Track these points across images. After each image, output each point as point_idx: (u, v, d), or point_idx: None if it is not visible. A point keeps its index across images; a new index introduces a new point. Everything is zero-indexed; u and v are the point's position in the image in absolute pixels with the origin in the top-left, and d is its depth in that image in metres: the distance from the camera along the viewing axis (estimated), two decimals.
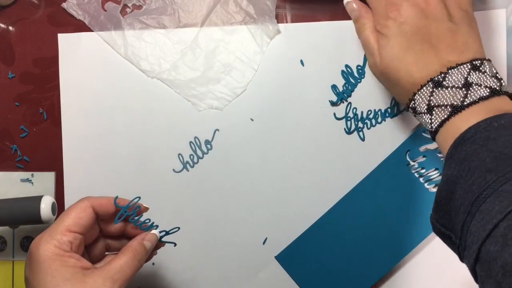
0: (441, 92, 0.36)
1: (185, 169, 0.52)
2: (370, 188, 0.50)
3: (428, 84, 0.37)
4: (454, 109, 0.35)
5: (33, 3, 0.54)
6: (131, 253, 0.37)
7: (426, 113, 0.37)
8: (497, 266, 0.27)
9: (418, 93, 0.38)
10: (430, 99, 0.37)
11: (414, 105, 0.39)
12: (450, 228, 0.35)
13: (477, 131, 0.33)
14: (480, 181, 0.31)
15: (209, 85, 0.52)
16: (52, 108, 0.54)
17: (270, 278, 0.51)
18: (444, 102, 0.36)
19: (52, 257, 0.34)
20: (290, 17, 0.52)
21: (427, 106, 0.37)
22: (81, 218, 0.37)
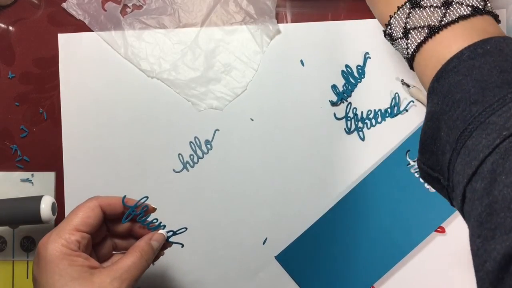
0: (418, 13, 0.32)
1: (185, 169, 0.52)
2: (370, 188, 0.50)
3: (405, 5, 0.33)
4: (431, 30, 0.31)
5: (33, 3, 0.54)
6: (139, 253, 0.37)
7: (402, 38, 0.34)
8: (482, 205, 0.25)
9: (394, 15, 0.34)
10: (406, 21, 0.33)
11: (390, 30, 0.35)
12: (438, 170, 0.31)
13: (461, 60, 0.29)
14: (465, 114, 0.28)
15: (209, 85, 0.52)
16: (52, 108, 0.54)
17: (270, 278, 0.51)
18: (421, 23, 0.32)
19: (60, 256, 0.34)
20: (290, 17, 0.52)
21: (404, 30, 0.33)
22: (89, 217, 0.37)
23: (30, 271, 0.54)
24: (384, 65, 0.51)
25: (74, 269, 0.34)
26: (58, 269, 0.33)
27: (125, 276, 0.35)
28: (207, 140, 0.52)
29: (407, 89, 0.50)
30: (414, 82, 0.50)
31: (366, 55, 0.51)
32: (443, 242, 0.50)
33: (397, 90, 0.50)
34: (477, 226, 0.25)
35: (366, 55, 0.51)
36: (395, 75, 0.51)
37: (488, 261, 0.24)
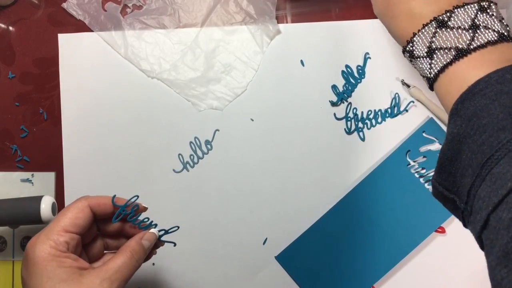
0: (445, 33, 0.32)
1: (185, 169, 0.52)
2: (370, 188, 0.50)
3: (431, 23, 0.32)
4: (459, 52, 0.31)
5: (33, 3, 0.54)
6: (129, 253, 0.36)
7: (426, 57, 0.33)
8: (509, 236, 0.24)
9: (418, 33, 0.33)
10: (432, 40, 0.32)
11: (412, 47, 0.34)
12: (454, 191, 0.31)
13: (488, 84, 0.29)
14: (492, 140, 0.27)
15: (209, 85, 0.52)
16: (52, 108, 0.54)
17: (270, 278, 0.51)
18: (448, 44, 0.32)
19: (48, 257, 0.33)
20: (290, 18, 0.52)
21: (428, 49, 0.33)
22: (79, 218, 0.36)
23: None
24: (384, 65, 0.51)
25: (62, 270, 0.33)
26: (46, 271, 0.33)
27: (115, 277, 0.34)
28: (207, 140, 0.52)
29: (407, 89, 0.50)
30: (414, 82, 0.50)
31: (366, 55, 0.51)
32: (443, 242, 0.50)
33: (397, 90, 0.50)
34: (503, 256, 0.24)
35: (366, 55, 0.51)
36: (395, 75, 0.51)
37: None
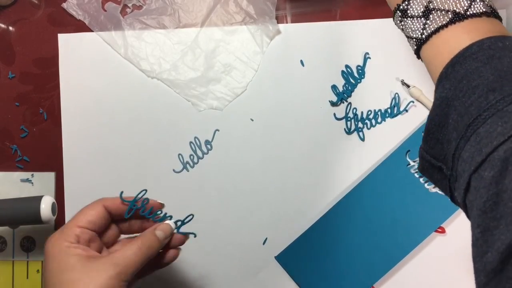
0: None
1: (185, 169, 0.52)
2: (370, 189, 0.50)
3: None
4: (455, 16, 0.30)
5: (33, 3, 0.54)
6: (139, 242, 0.37)
7: (421, 17, 0.32)
8: (489, 194, 0.23)
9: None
10: (430, 0, 0.32)
11: (407, 5, 0.33)
12: (441, 159, 0.30)
13: (480, 49, 0.28)
14: (480, 100, 0.26)
15: (209, 85, 0.52)
16: (52, 108, 0.54)
17: (270, 278, 0.51)
18: (446, 6, 0.31)
19: (60, 249, 0.35)
20: (290, 18, 0.52)
21: (425, 8, 0.32)
22: (91, 215, 0.38)
23: (30, 271, 0.54)
24: (384, 65, 0.51)
25: (71, 258, 0.35)
26: (57, 260, 0.35)
27: (121, 262, 0.35)
28: (207, 140, 0.52)
29: (407, 89, 0.50)
30: (414, 82, 0.50)
31: (366, 55, 0.51)
32: (443, 242, 0.50)
33: (397, 90, 0.50)
34: (478, 216, 0.24)
35: (366, 55, 0.51)
36: (395, 75, 0.51)
37: (490, 251, 0.23)
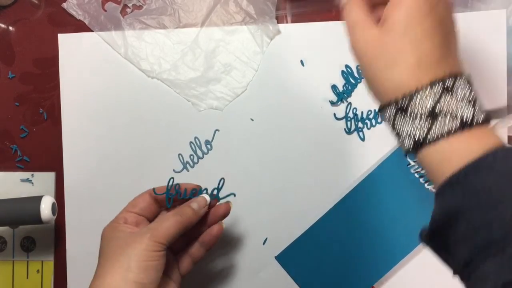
0: (449, 100, 0.30)
1: (185, 169, 0.52)
2: (370, 189, 0.50)
3: (439, 84, 0.30)
4: (464, 122, 0.29)
5: (33, 3, 0.54)
6: (174, 211, 0.41)
7: (426, 118, 0.30)
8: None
9: (424, 90, 0.30)
10: (437, 102, 0.30)
11: (408, 102, 0.30)
12: (445, 250, 0.32)
13: (495, 159, 0.28)
14: (506, 219, 0.26)
15: (209, 85, 0.52)
16: (52, 108, 0.54)
17: (270, 278, 0.51)
18: (454, 110, 0.29)
19: (109, 229, 0.41)
20: (290, 18, 0.52)
21: (431, 109, 0.30)
22: (138, 201, 0.43)
23: (30, 271, 0.54)
24: None
25: (115, 233, 0.40)
26: (105, 238, 0.40)
27: (156, 228, 0.39)
28: (207, 140, 0.52)
29: None
30: None
31: None
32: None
33: None
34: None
35: None
36: None
37: None
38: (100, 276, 0.37)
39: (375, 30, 0.32)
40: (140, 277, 0.36)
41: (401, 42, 0.31)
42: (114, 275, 0.36)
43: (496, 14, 0.49)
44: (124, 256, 0.37)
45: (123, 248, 0.38)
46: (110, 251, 0.39)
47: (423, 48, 0.31)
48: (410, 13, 0.31)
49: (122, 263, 0.37)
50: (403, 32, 0.31)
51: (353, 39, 0.34)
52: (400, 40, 0.31)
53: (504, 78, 0.49)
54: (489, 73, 0.50)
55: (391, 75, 0.31)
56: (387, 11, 0.32)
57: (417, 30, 0.31)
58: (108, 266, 0.37)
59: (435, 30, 0.31)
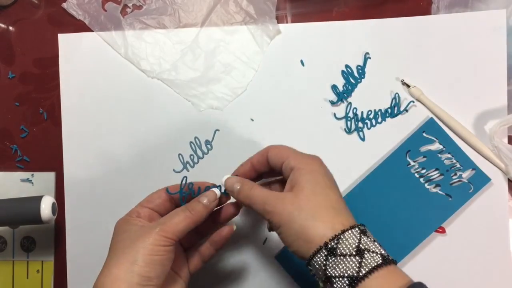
0: (367, 239, 0.35)
1: (185, 169, 0.52)
2: (370, 189, 0.50)
3: (322, 251, 0.34)
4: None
5: (33, 3, 0.54)
6: (184, 207, 0.41)
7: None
8: None
9: (314, 258, 0.35)
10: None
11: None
12: None
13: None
14: None
15: (209, 85, 0.52)
16: (52, 108, 0.54)
17: (270, 278, 0.51)
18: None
19: (121, 222, 0.41)
20: (290, 18, 0.52)
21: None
22: (153, 197, 0.44)
23: (30, 271, 0.54)
24: (384, 65, 0.51)
25: (129, 226, 0.41)
26: (117, 231, 0.41)
27: (165, 222, 0.39)
28: (207, 140, 0.52)
29: (407, 89, 0.50)
30: (414, 82, 0.50)
31: (366, 55, 0.51)
32: (443, 242, 0.50)
33: (397, 90, 0.50)
34: None
35: (366, 55, 0.51)
36: (395, 75, 0.51)
37: None
38: (108, 267, 0.38)
39: (286, 195, 0.38)
40: (145, 271, 0.37)
41: (314, 198, 0.37)
42: (120, 266, 0.37)
43: (496, 14, 0.49)
44: (132, 249, 0.38)
45: (132, 241, 0.38)
46: (120, 244, 0.39)
47: (332, 199, 0.37)
48: (314, 175, 0.38)
49: (129, 255, 0.37)
50: (313, 189, 0.37)
51: (270, 211, 0.38)
52: (314, 196, 0.37)
53: (504, 78, 0.49)
54: (489, 73, 0.50)
55: (315, 225, 0.36)
56: (294, 177, 0.38)
57: (323, 186, 0.38)
58: (116, 258, 0.38)
59: (333, 184, 0.39)
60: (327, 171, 0.40)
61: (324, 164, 0.41)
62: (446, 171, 0.49)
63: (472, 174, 0.49)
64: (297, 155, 0.40)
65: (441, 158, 0.49)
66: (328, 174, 0.40)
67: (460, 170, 0.49)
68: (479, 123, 0.50)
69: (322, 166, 0.40)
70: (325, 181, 0.38)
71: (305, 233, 0.36)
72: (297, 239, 0.36)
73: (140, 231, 0.39)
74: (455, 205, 0.49)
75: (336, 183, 0.40)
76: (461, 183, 0.49)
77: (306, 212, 0.36)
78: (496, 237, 0.49)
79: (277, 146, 0.42)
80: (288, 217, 0.36)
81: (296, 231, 0.36)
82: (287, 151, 0.41)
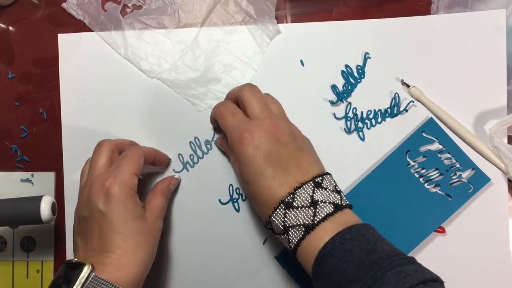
0: (293, 213, 0.38)
1: (185, 169, 0.52)
2: (370, 189, 0.50)
3: (280, 206, 0.39)
4: (307, 228, 0.37)
5: (33, 3, 0.54)
6: (165, 195, 0.47)
7: (283, 234, 0.39)
8: None
9: (272, 215, 0.39)
10: (284, 220, 0.38)
11: (271, 226, 0.40)
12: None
13: (334, 245, 0.36)
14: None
15: (209, 85, 0.52)
16: (52, 108, 0.54)
17: (270, 278, 0.51)
18: (297, 222, 0.38)
19: (128, 196, 0.40)
20: (290, 18, 0.52)
21: (283, 227, 0.38)
22: (140, 164, 0.43)
23: (30, 271, 0.54)
24: (384, 65, 0.51)
25: (137, 208, 0.41)
26: (126, 207, 0.40)
27: (159, 214, 0.45)
28: (207, 140, 0.52)
29: (407, 89, 0.50)
30: (414, 82, 0.50)
31: (366, 55, 0.51)
32: (443, 242, 0.50)
33: (397, 90, 0.51)
34: None
35: (366, 55, 0.51)
36: (395, 75, 0.51)
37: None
38: None
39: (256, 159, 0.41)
40: None
41: (267, 161, 0.40)
42: None
43: (496, 14, 0.49)
44: None
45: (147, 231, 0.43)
46: (133, 232, 0.41)
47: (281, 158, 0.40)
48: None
49: None
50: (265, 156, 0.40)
51: (242, 169, 0.41)
52: (265, 161, 0.40)
53: (504, 78, 0.49)
54: (489, 73, 0.50)
55: (275, 183, 0.39)
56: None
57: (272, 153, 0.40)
58: None
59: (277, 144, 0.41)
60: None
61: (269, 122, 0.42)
62: (446, 171, 0.49)
63: (472, 174, 0.49)
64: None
65: (441, 158, 0.50)
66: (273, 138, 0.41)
67: (460, 170, 0.49)
68: (479, 123, 0.50)
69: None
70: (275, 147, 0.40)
71: (263, 191, 0.40)
72: (258, 197, 0.40)
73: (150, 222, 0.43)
74: (455, 205, 0.49)
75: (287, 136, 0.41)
76: (461, 183, 0.49)
77: (257, 183, 0.40)
78: (496, 237, 0.49)
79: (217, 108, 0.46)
80: (244, 187, 0.43)
81: (256, 189, 0.40)
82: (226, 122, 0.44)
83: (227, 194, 0.52)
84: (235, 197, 0.52)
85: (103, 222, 0.39)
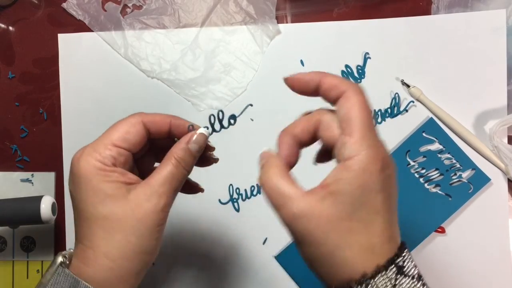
0: (404, 280, 0.27)
1: None
2: None
3: (392, 268, 0.27)
4: None
5: (33, 3, 0.54)
6: (174, 161, 0.32)
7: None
8: None
9: (378, 277, 0.27)
10: (395, 284, 0.27)
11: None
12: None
13: None
14: None
15: (209, 85, 0.52)
16: (52, 108, 0.54)
17: (270, 278, 0.51)
18: None
19: (93, 171, 0.31)
20: (290, 18, 0.52)
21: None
22: (129, 133, 0.33)
23: (30, 271, 0.54)
24: (384, 65, 0.51)
25: (108, 185, 0.31)
26: (91, 186, 0.31)
27: (162, 190, 0.31)
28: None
29: (407, 89, 0.50)
30: (414, 82, 0.50)
31: (366, 55, 0.51)
32: (443, 242, 0.50)
33: (397, 90, 0.50)
34: None
35: (366, 55, 0.51)
36: (395, 75, 0.51)
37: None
38: None
39: (317, 202, 0.29)
40: None
41: (350, 218, 0.27)
42: None
43: (496, 14, 0.49)
44: None
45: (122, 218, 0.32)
46: (100, 218, 0.32)
47: (375, 228, 0.28)
48: (363, 180, 0.27)
49: None
50: (351, 203, 0.27)
51: (287, 213, 0.30)
52: (350, 216, 0.27)
53: (504, 78, 0.49)
54: (489, 73, 0.50)
55: (342, 258, 0.27)
56: (335, 177, 0.29)
57: (368, 204, 0.28)
58: None
59: (385, 202, 0.29)
60: (384, 172, 0.29)
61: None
62: (446, 171, 0.49)
63: (472, 174, 0.49)
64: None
65: (441, 158, 0.49)
66: (386, 179, 0.29)
67: (460, 170, 0.49)
68: (479, 123, 0.50)
69: (379, 163, 0.28)
70: (377, 197, 0.29)
71: (324, 264, 0.29)
72: (317, 265, 0.30)
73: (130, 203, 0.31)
74: (455, 205, 0.49)
75: (395, 195, 0.30)
76: (461, 183, 0.49)
77: (333, 238, 0.28)
78: (496, 237, 0.49)
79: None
80: (312, 237, 0.30)
81: (316, 257, 0.30)
82: None
83: (227, 194, 0.52)
84: (235, 197, 0.52)
85: (73, 206, 0.32)
